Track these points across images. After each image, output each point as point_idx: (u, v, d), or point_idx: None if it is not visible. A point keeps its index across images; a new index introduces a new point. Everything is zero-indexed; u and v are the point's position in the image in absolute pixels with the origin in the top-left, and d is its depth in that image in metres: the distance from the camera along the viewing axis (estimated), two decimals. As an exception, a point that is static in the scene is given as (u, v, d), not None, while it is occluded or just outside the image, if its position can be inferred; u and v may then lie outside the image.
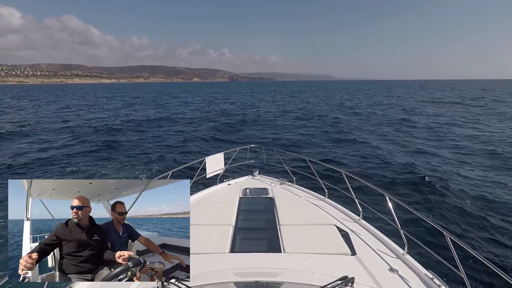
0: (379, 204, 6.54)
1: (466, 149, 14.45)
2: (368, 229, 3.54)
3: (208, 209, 3.86)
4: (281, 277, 2.31)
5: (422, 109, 33.52)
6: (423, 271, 2.66)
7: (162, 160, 13.30)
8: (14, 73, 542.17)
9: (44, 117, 28.75)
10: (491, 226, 6.93)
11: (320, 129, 21.17)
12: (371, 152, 13.98)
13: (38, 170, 11.88)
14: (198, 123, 25.21)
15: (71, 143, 16.94)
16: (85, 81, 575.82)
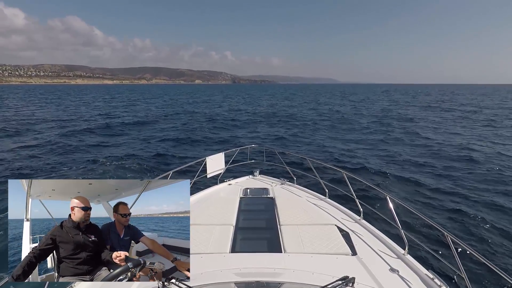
0: (379, 204, 6.55)
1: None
2: (369, 229, 3.53)
3: (209, 209, 3.86)
4: (282, 277, 2.31)
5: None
6: (424, 271, 2.65)
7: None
8: (18, 73, 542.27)
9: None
10: (492, 226, 6.92)
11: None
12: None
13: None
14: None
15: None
16: (88, 82, 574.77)
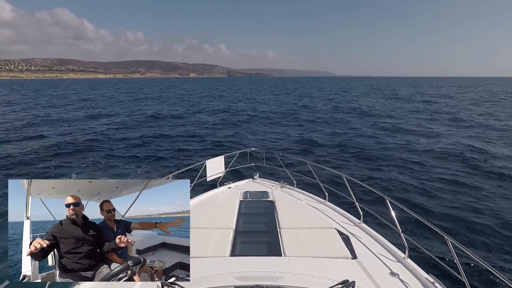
0: (379, 208, 6.53)
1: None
2: (369, 233, 3.52)
3: (209, 213, 3.85)
4: (282, 281, 2.30)
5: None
6: (424, 275, 2.64)
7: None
8: (8, 68, 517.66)
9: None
10: (491, 229, 6.89)
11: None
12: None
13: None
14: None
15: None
16: (81, 76, 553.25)
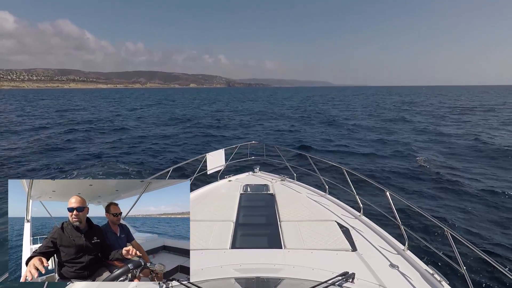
0: (379, 200, 6.56)
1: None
2: (369, 225, 3.54)
3: (209, 205, 3.86)
4: (282, 273, 2.31)
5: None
6: (424, 266, 2.65)
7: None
8: (10, 77, 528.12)
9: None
10: (492, 220, 6.94)
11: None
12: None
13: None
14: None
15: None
16: (82, 86, 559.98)
